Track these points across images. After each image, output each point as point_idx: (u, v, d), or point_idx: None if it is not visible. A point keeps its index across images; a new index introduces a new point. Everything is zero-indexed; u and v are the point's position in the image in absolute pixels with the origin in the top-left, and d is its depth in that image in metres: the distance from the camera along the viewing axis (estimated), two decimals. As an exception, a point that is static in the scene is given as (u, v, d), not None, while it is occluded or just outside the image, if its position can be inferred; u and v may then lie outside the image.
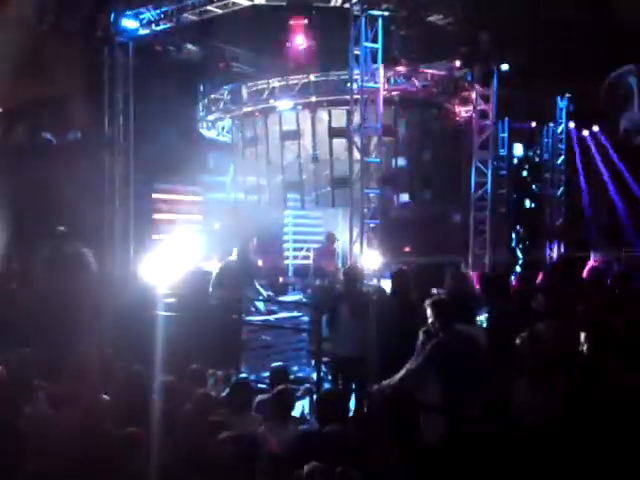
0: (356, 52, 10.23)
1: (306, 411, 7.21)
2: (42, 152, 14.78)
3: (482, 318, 7.66)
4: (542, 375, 4.83)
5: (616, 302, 8.12)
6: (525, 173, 18.98)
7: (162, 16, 11.96)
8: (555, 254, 17.32)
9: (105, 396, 5.30)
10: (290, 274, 13.98)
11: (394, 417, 4.68)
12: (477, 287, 8.99)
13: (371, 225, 10.50)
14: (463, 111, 13.60)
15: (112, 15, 11.93)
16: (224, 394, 5.84)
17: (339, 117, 12.06)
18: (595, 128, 18.19)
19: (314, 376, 8.07)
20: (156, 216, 13.69)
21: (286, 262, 14.47)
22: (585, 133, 18.30)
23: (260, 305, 9.97)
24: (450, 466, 4.18)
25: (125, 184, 12.45)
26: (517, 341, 5.19)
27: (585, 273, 13.26)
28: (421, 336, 5.92)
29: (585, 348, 4.99)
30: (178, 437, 4.70)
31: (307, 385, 7.74)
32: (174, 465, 4.26)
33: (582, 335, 5.05)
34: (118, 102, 12.34)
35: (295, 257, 14.61)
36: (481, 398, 5.18)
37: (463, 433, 4.62)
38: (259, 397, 5.60)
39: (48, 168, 14.59)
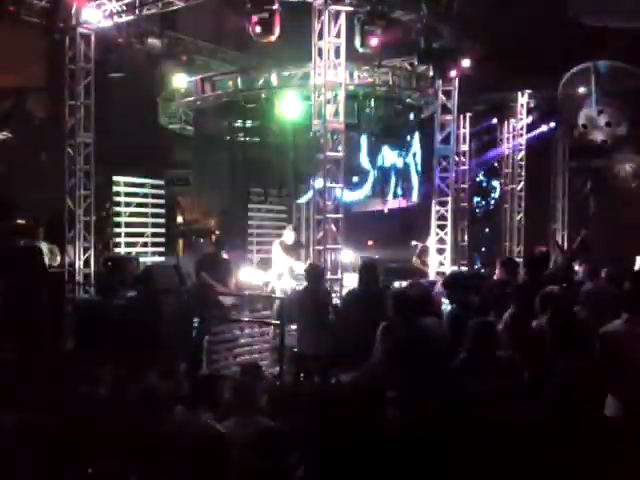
0: (319, 46, 10.26)
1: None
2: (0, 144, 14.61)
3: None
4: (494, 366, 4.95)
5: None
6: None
7: (124, 8, 11.85)
8: (515, 249, 17.57)
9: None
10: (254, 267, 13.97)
11: (356, 409, 4.75)
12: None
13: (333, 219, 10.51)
14: (425, 107, 13.74)
15: (73, 6, 11.79)
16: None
17: (302, 111, 12.07)
18: (552, 124, 18.46)
19: (277, 370, 8.18)
20: (118, 209, 13.61)
21: (250, 256, 14.49)
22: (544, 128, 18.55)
23: (225, 299, 9.99)
24: (409, 459, 4.26)
25: (86, 177, 12.34)
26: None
27: None
28: (380, 329, 6.02)
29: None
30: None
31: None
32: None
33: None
34: (79, 94, 12.21)
35: (259, 251, 14.62)
36: (441, 391, 5.28)
37: (422, 425, 4.71)
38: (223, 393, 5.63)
39: (7, 160, 14.45)
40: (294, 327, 8.25)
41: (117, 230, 13.54)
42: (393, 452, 4.36)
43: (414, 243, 14.51)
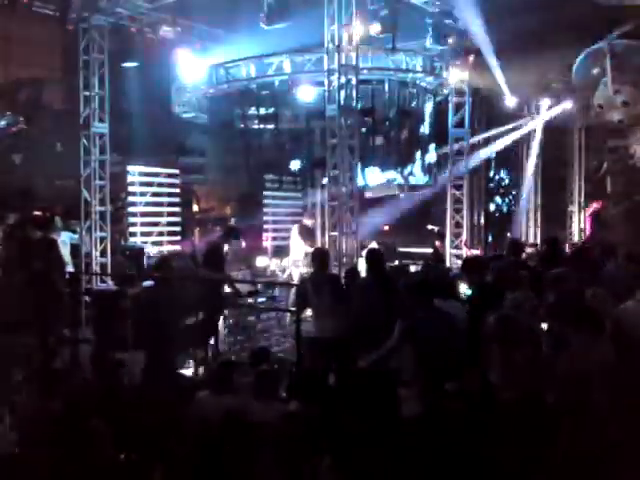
0: (332, 31, 10.18)
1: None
2: (16, 135, 14.67)
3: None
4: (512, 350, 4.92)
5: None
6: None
7: (137, -3, 11.86)
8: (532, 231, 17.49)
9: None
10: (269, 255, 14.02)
11: (372, 393, 4.75)
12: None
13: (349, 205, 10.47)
14: (440, 89, 13.66)
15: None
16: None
17: (315, 97, 12.04)
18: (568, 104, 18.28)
19: (294, 356, 8.17)
20: (133, 199, 13.66)
21: (265, 243, 14.51)
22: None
23: (240, 286, 9.99)
24: (426, 441, 4.26)
25: (102, 167, 12.37)
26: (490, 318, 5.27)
27: None
28: (401, 314, 6.01)
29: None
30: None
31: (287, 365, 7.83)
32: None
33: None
34: (94, 84, 12.22)
35: (274, 238, 14.64)
36: (458, 374, 5.27)
37: (440, 408, 4.71)
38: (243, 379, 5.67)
39: (23, 151, 14.52)
40: (310, 313, 8.26)
41: (133, 220, 13.58)
42: (414, 436, 4.37)
43: (430, 227, 14.49)
